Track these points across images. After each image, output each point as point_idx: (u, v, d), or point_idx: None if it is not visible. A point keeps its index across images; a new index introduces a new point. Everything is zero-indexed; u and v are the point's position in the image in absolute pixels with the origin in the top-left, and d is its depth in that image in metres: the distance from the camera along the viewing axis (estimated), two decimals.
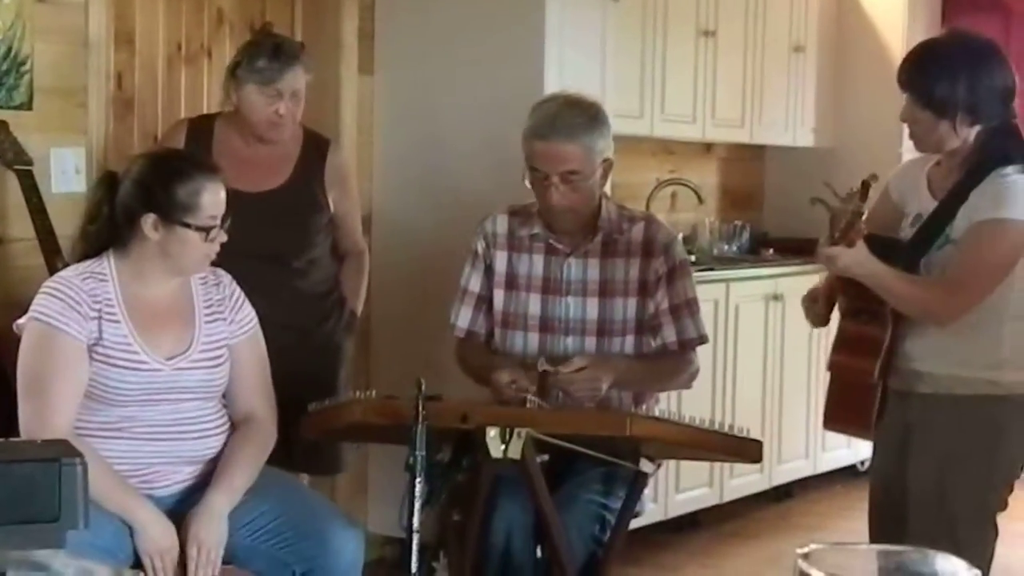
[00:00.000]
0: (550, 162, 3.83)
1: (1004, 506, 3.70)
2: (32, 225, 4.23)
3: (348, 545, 3.52)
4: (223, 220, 3.48)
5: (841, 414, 3.84)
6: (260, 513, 3.51)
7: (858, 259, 3.52)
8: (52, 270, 4.10)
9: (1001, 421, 3.63)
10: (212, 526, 3.40)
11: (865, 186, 3.53)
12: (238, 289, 3.66)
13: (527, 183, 3.92)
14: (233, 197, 3.54)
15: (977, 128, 3.57)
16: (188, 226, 3.42)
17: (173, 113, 5.12)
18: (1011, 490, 3.70)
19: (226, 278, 3.65)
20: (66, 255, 4.12)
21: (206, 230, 3.44)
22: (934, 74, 3.58)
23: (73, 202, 4.46)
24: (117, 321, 3.42)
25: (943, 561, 0.89)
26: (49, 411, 3.34)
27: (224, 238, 3.49)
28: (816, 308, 3.87)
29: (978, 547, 3.58)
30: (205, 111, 5.05)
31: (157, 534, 3.36)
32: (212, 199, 3.45)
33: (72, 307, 3.38)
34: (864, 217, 3.53)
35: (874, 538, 3.84)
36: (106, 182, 3.54)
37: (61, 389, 3.36)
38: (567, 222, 3.94)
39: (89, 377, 3.39)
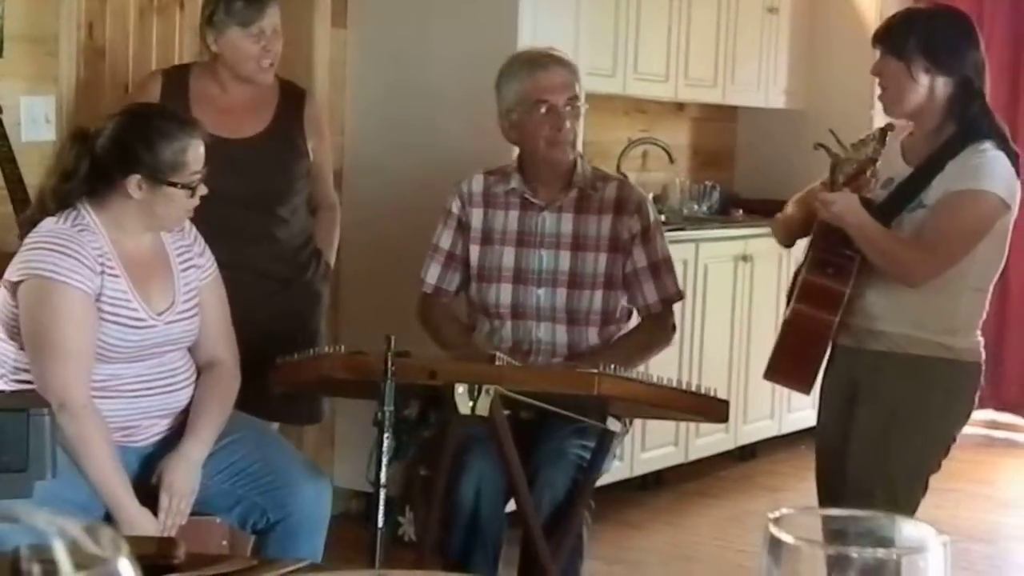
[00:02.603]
0: (556, 90, 3.95)
1: (937, 467, 3.80)
2: (1, 173, 4.21)
3: (320, 495, 3.54)
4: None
5: (785, 365, 3.90)
6: (239, 456, 3.52)
7: (852, 207, 3.60)
8: (20, 218, 4.08)
9: (949, 384, 3.73)
10: (186, 475, 3.40)
11: (883, 133, 3.61)
12: (198, 232, 3.63)
13: (511, 135, 4.00)
14: (215, 143, 3.52)
15: (939, 80, 3.67)
16: (175, 185, 3.39)
17: (144, 63, 5.08)
18: (947, 453, 3.79)
19: (187, 222, 3.62)
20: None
21: (191, 187, 3.42)
22: (895, 25, 3.80)
23: (42, 151, 4.43)
24: (116, 276, 3.38)
25: (911, 527, 0.89)
26: (69, 374, 3.28)
27: (204, 191, 3.47)
28: (780, 235, 4.01)
29: (911, 504, 3.68)
30: (176, 61, 5.02)
31: (147, 533, 3.32)
32: (195, 155, 3.42)
33: (80, 261, 3.30)
34: (877, 164, 3.60)
35: (821, 498, 3.91)
36: (79, 138, 3.47)
37: (78, 350, 3.30)
38: (566, 156, 4.00)
39: None
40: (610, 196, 4.03)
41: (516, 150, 4.29)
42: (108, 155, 3.40)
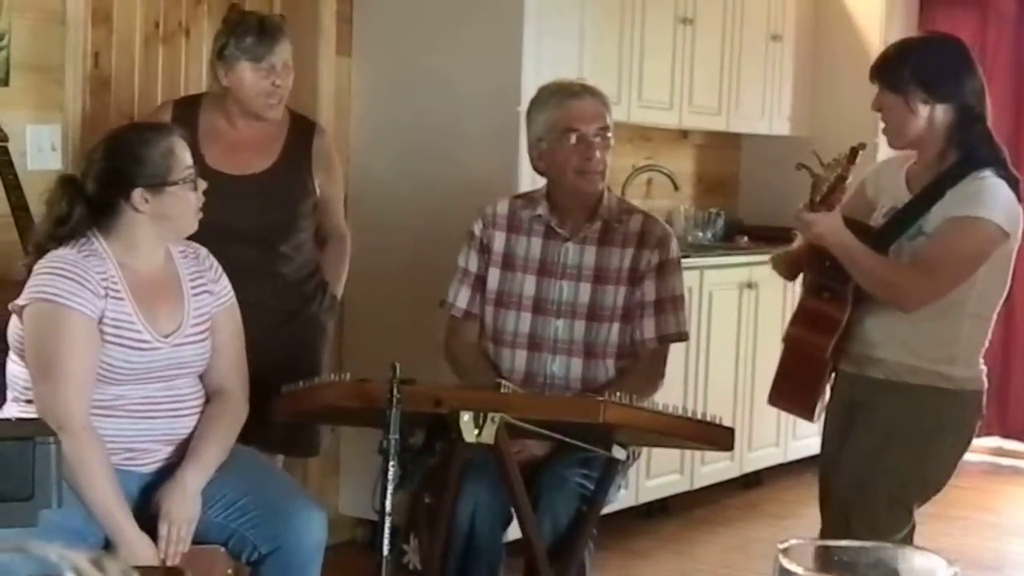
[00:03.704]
0: (589, 119, 3.95)
1: (924, 499, 3.79)
2: (7, 201, 4.22)
3: (313, 526, 3.52)
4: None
5: (787, 390, 3.93)
6: (231, 489, 3.51)
7: (833, 228, 3.60)
8: (26, 246, 4.09)
9: (944, 414, 3.72)
10: (184, 503, 3.40)
11: (853, 152, 3.63)
12: (215, 260, 3.67)
13: (539, 165, 4.03)
14: (221, 179, 3.55)
15: (938, 108, 3.67)
16: (175, 183, 3.43)
17: (150, 92, 5.10)
18: (937, 488, 3.78)
19: (203, 251, 3.65)
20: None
21: (192, 181, 3.46)
22: (890, 58, 3.79)
23: (48, 179, 4.43)
24: (121, 299, 3.40)
25: (920, 557, 0.89)
26: (69, 395, 3.30)
27: (204, 185, 3.51)
28: (782, 270, 4.01)
29: (891, 531, 3.65)
30: (182, 90, 5.04)
31: (146, 559, 3.33)
32: (181, 151, 3.48)
33: (83, 285, 3.35)
34: (848, 182, 3.60)
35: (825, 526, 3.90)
36: (69, 183, 3.50)
37: (78, 372, 3.32)
38: (595, 187, 3.99)
39: None
40: (634, 229, 4.03)
41: (525, 178, 4.31)
42: (103, 187, 3.44)
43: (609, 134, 3.98)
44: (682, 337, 4.05)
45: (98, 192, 3.44)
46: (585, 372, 3.99)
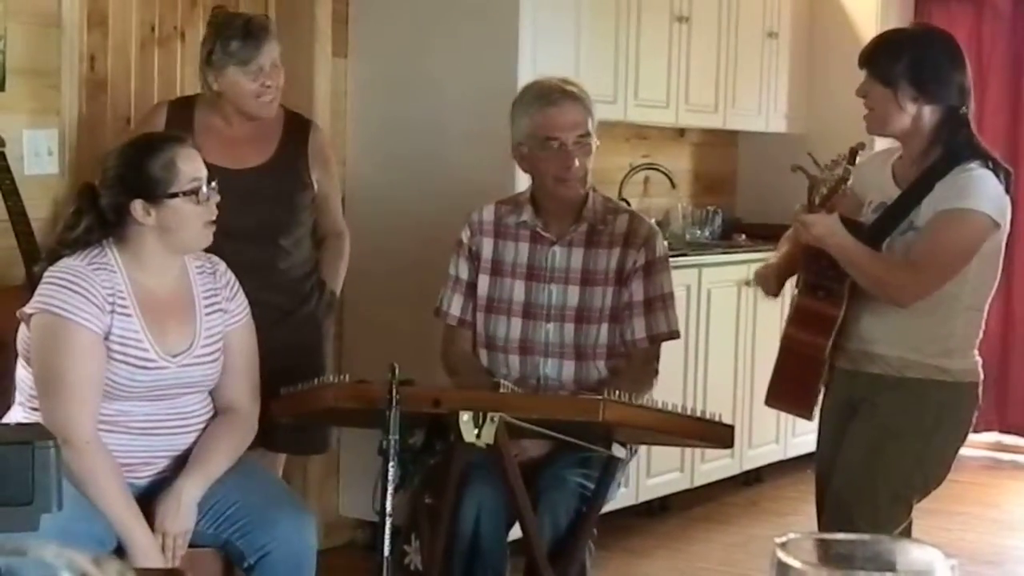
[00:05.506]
0: (566, 126, 3.92)
1: (925, 493, 3.79)
2: (4, 206, 4.21)
3: (300, 531, 3.50)
4: (209, 184, 3.45)
5: (785, 390, 3.92)
6: (219, 499, 3.49)
7: (832, 229, 3.60)
8: (24, 251, 4.09)
9: (944, 407, 3.73)
10: (179, 515, 3.38)
11: (853, 152, 3.62)
12: (233, 276, 3.63)
13: (522, 165, 4.03)
14: (218, 174, 3.53)
15: (926, 108, 3.68)
16: (175, 195, 3.39)
17: (146, 95, 5.09)
18: (938, 481, 3.78)
19: (221, 266, 3.62)
20: (39, 237, 4.11)
21: (194, 193, 3.42)
22: (883, 48, 3.78)
23: (45, 184, 4.45)
24: (128, 315, 3.38)
25: (918, 550, 0.90)
26: (72, 410, 3.29)
27: (217, 198, 3.47)
28: (768, 284, 3.97)
29: (891, 525, 3.66)
30: (178, 93, 5.04)
31: (157, 562, 3.32)
32: (187, 162, 3.43)
33: (88, 299, 3.32)
34: (849, 183, 3.60)
35: (821, 524, 3.90)
36: (85, 191, 3.49)
37: (82, 387, 3.30)
38: (575, 193, 3.98)
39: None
40: (620, 229, 4.02)
41: (521, 179, 4.31)
42: (112, 193, 3.42)
43: (589, 139, 3.95)
44: (673, 335, 4.05)
45: (106, 201, 3.43)
46: (577, 374, 3.99)
